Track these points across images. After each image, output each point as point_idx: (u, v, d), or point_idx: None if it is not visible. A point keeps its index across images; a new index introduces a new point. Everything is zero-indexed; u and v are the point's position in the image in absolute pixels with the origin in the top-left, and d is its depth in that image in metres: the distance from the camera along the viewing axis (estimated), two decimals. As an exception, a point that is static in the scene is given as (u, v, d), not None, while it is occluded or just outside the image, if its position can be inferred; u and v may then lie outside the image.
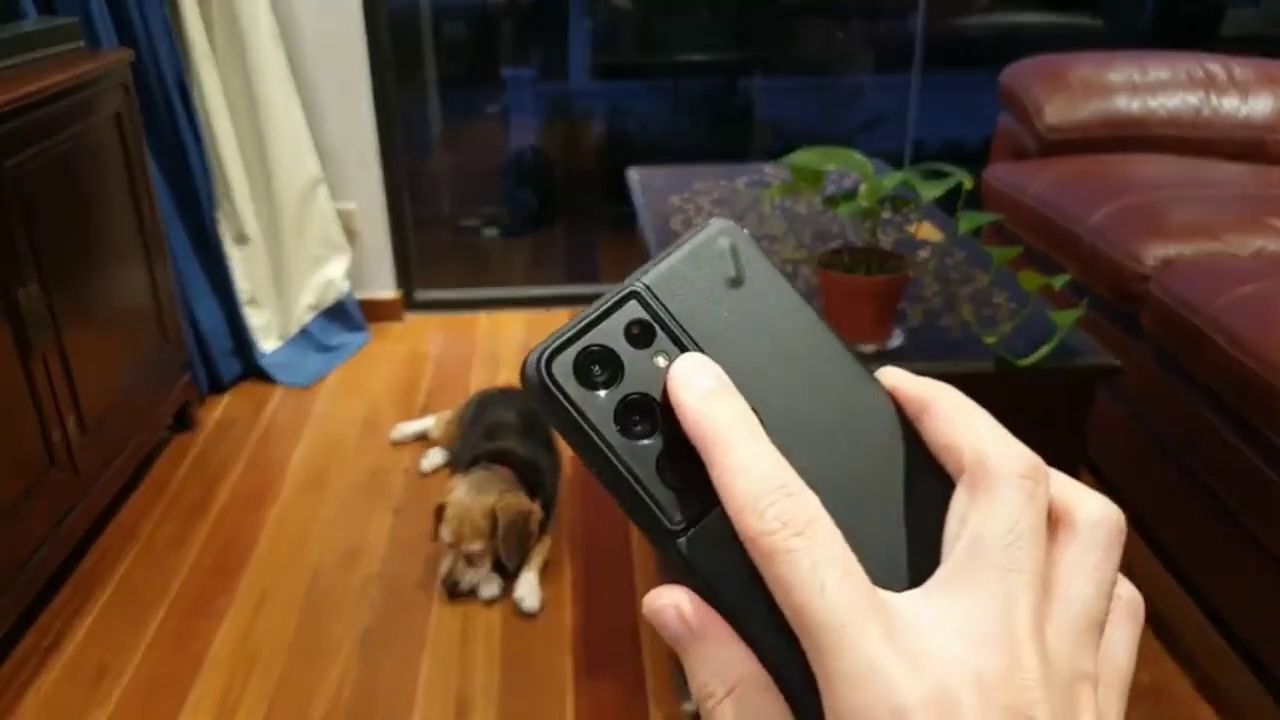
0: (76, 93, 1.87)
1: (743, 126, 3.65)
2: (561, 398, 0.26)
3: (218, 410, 2.49)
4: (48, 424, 1.74)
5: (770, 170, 2.32)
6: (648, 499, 0.26)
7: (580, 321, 0.27)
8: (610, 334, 0.27)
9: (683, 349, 0.27)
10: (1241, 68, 2.48)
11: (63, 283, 1.81)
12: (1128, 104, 2.42)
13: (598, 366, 0.27)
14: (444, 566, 1.82)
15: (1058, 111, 2.40)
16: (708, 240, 0.29)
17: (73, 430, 1.81)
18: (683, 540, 0.26)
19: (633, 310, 0.28)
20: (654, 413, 0.27)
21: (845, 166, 1.29)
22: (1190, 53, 2.54)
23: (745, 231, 0.30)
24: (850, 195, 1.35)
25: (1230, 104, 2.42)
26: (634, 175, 2.27)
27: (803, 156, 1.31)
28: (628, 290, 0.28)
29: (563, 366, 0.27)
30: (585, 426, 0.26)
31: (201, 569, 1.91)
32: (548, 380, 0.26)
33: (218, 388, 2.55)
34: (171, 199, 2.38)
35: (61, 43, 1.97)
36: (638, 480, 0.26)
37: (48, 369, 1.74)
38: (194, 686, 1.64)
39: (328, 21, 2.63)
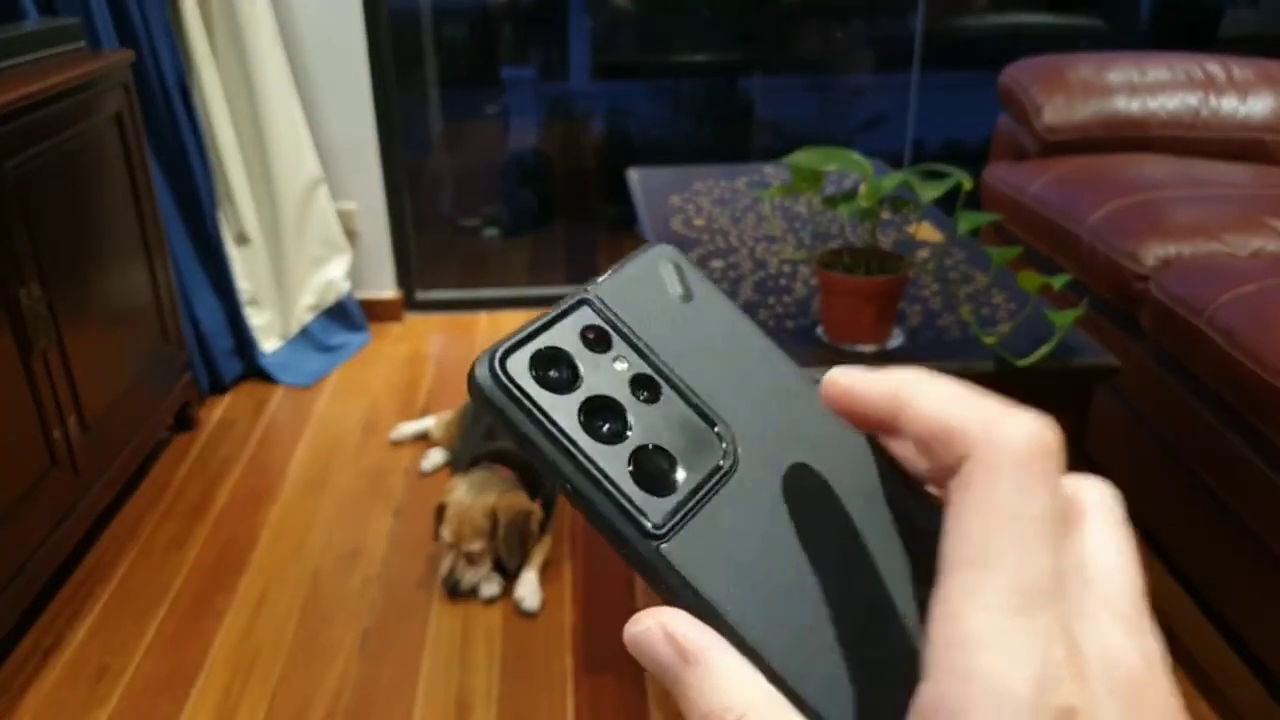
0: (77, 93, 1.87)
1: (743, 126, 3.66)
2: (522, 397, 0.25)
3: (218, 410, 2.49)
4: (48, 423, 1.74)
5: (770, 170, 2.33)
6: (624, 502, 0.24)
7: (532, 326, 0.26)
8: (565, 338, 0.26)
9: (641, 355, 0.27)
10: (1240, 68, 2.48)
11: (63, 282, 1.81)
12: (1127, 104, 2.42)
13: (554, 370, 0.26)
14: (444, 566, 1.82)
15: (1057, 112, 2.40)
16: (653, 259, 0.29)
17: (73, 430, 1.82)
18: (667, 545, 0.24)
19: (586, 316, 0.27)
20: (620, 415, 0.25)
21: (845, 167, 1.30)
22: (1189, 53, 2.55)
23: (685, 255, 0.30)
24: (850, 196, 1.35)
25: (1229, 104, 2.42)
26: (634, 175, 2.27)
27: (802, 157, 1.31)
28: (579, 298, 0.27)
29: (518, 366, 0.25)
30: (550, 428, 0.24)
31: (202, 569, 1.92)
32: (504, 379, 0.25)
33: (218, 388, 2.56)
34: (172, 199, 2.39)
35: (62, 43, 1.98)
36: (611, 483, 0.24)
37: (48, 368, 1.74)
38: (194, 686, 1.64)
39: (328, 22, 2.63)
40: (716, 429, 0.26)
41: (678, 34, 3.55)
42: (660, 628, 0.23)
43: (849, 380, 0.26)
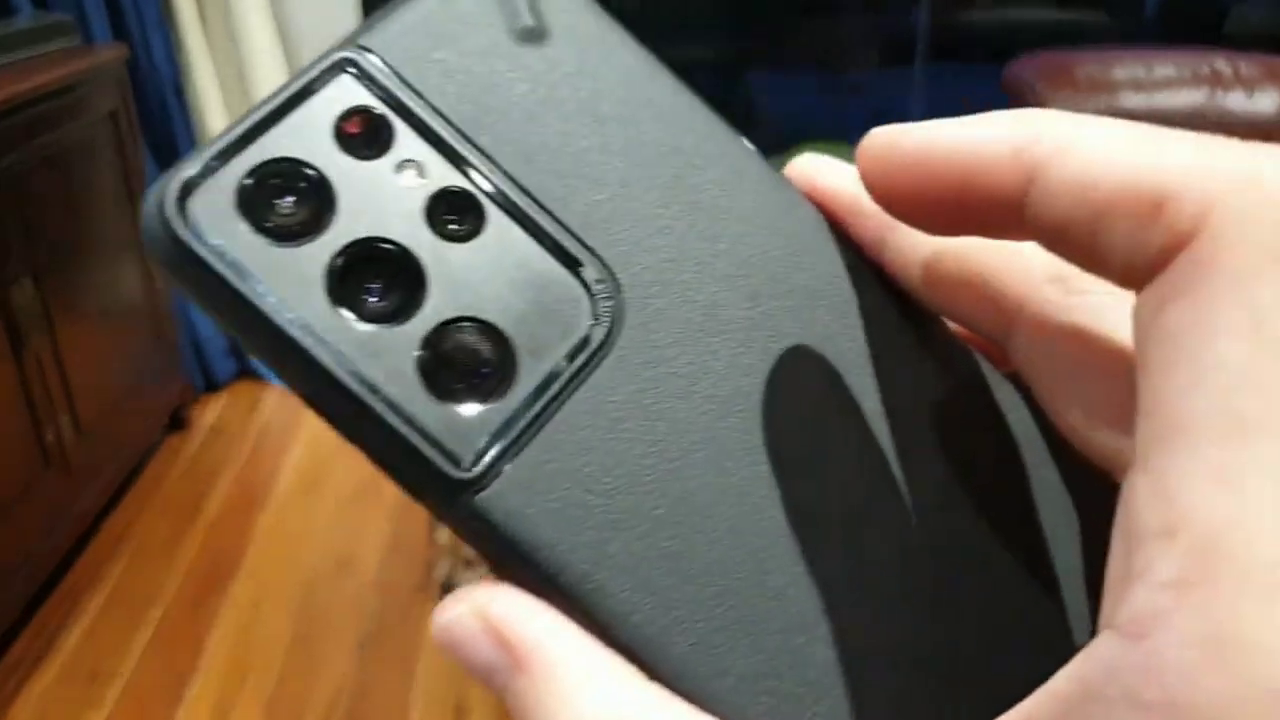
0: (71, 90, 1.86)
1: (744, 121, 3.63)
2: (216, 260, 0.14)
3: (212, 411, 2.47)
4: (41, 424, 1.73)
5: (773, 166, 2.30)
6: (404, 429, 0.14)
7: (245, 122, 0.15)
8: (306, 137, 0.15)
9: (449, 154, 0.15)
10: (1248, 64, 2.46)
11: (57, 281, 1.79)
12: (1133, 101, 2.40)
13: (288, 198, 0.14)
14: (441, 570, 1.80)
15: (1063, 108, 2.38)
16: None
17: (66, 430, 1.80)
18: (488, 493, 0.14)
19: (347, 92, 0.15)
20: (407, 270, 0.14)
21: (848, 162, 1.27)
22: (1196, 49, 2.53)
23: None
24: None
25: (1236, 100, 2.40)
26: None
27: (806, 153, 1.29)
28: (335, 59, 0.16)
29: (214, 204, 0.14)
30: (272, 310, 0.14)
31: (196, 572, 1.90)
32: (187, 231, 0.14)
33: (212, 387, 2.54)
34: (167, 197, 2.37)
35: (55, 39, 1.96)
36: (383, 398, 0.14)
37: (41, 368, 1.73)
38: (189, 690, 1.62)
39: (325, 17, 2.61)
40: (583, 271, 0.15)
41: (677, 28, 3.53)
42: (478, 616, 0.15)
43: (922, 140, 0.15)
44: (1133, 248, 0.13)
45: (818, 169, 0.18)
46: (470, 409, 0.14)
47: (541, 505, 0.14)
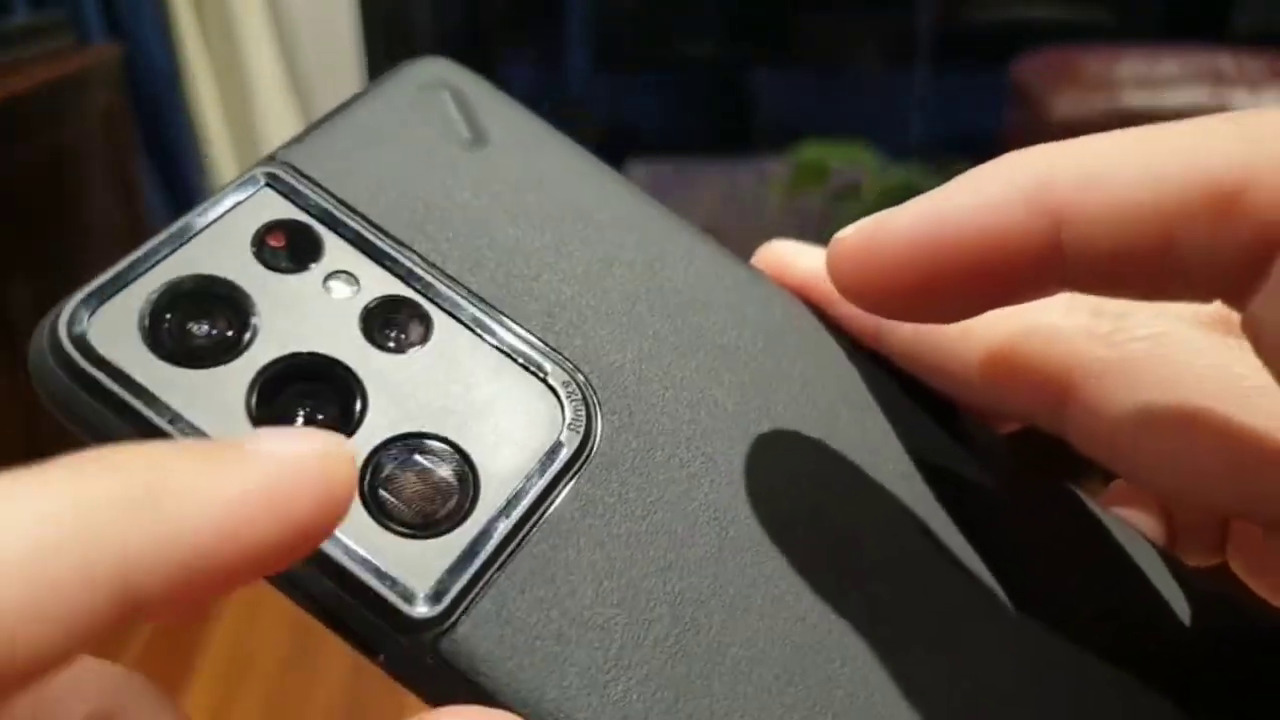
0: (65, 89, 1.85)
1: (747, 118, 3.62)
2: (112, 383, 0.13)
3: (213, 411, 2.47)
4: (36, 429, 1.71)
5: (776, 166, 2.29)
6: (347, 562, 0.13)
7: (152, 241, 0.14)
8: (221, 252, 0.14)
9: (384, 261, 0.14)
10: (1252, 62, 2.45)
11: (52, 283, 1.78)
12: (1136, 99, 2.39)
13: (200, 317, 0.13)
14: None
15: (1067, 107, 2.37)
16: (404, 87, 0.16)
17: (62, 435, 1.79)
18: (456, 635, 0.13)
19: (266, 205, 0.14)
20: (339, 387, 0.13)
21: (851, 161, 1.26)
22: (1201, 46, 2.52)
23: (467, 71, 0.17)
24: (854, 192, 1.32)
25: (1240, 99, 2.39)
26: (634, 169, 2.24)
27: (808, 151, 1.28)
28: (252, 174, 0.14)
29: (114, 327, 0.13)
30: (174, 433, 0.12)
31: (194, 574, 1.89)
32: (75, 356, 0.13)
33: (213, 388, 2.53)
34: (163, 197, 2.36)
35: (50, 37, 1.95)
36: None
37: (36, 371, 1.72)
38: (186, 697, 1.61)
39: (322, 13, 2.60)
40: (547, 374, 0.13)
41: (681, 24, 3.52)
42: None
43: (909, 229, 0.13)
44: (1213, 252, 0.11)
45: (791, 256, 0.16)
46: (426, 536, 0.13)
47: (525, 646, 0.12)
